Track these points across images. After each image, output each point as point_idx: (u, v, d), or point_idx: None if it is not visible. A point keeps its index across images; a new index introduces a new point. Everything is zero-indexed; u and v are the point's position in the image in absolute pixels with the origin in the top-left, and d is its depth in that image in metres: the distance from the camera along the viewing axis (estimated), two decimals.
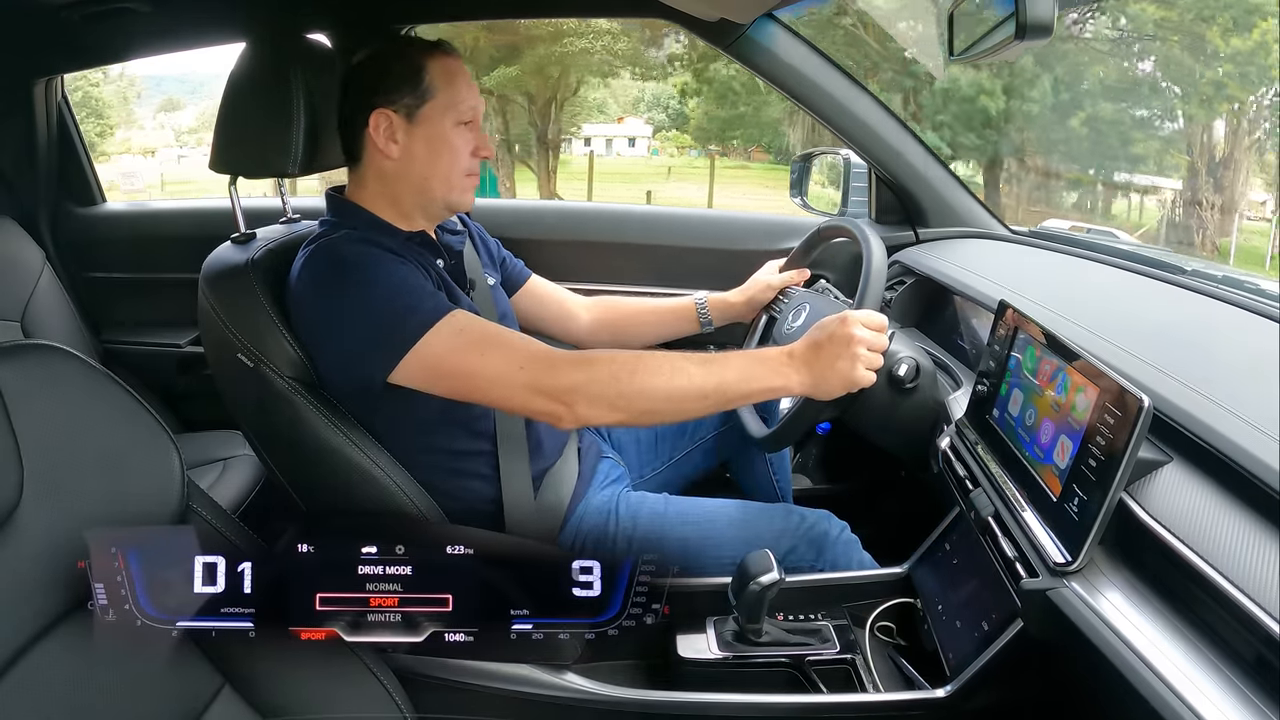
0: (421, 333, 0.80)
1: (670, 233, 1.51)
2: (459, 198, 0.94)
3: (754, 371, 0.83)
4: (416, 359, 0.80)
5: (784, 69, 1.28)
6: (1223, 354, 0.78)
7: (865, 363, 0.84)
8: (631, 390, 0.80)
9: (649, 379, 0.80)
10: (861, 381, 0.84)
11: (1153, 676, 0.51)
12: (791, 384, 0.84)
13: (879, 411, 0.99)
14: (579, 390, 0.79)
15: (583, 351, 0.82)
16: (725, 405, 0.84)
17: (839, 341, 0.83)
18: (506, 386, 0.80)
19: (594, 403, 0.80)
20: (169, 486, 0.65)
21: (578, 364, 0.80)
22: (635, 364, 0.80)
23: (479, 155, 0.93)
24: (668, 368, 0.81)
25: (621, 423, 0.95)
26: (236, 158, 0.97)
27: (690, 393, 0.81)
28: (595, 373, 0.80)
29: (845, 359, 0.83)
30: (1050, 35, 0.80)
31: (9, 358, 0.60)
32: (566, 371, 0.79)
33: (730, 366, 0.83)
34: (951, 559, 0.88)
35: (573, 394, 0.79)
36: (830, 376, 0.83)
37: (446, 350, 0.80)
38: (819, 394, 0.85)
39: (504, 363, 0.80)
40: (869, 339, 0.84)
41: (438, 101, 0.89)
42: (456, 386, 0.82)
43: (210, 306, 0.87)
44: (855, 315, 0.85)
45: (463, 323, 0.82)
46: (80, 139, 1.62)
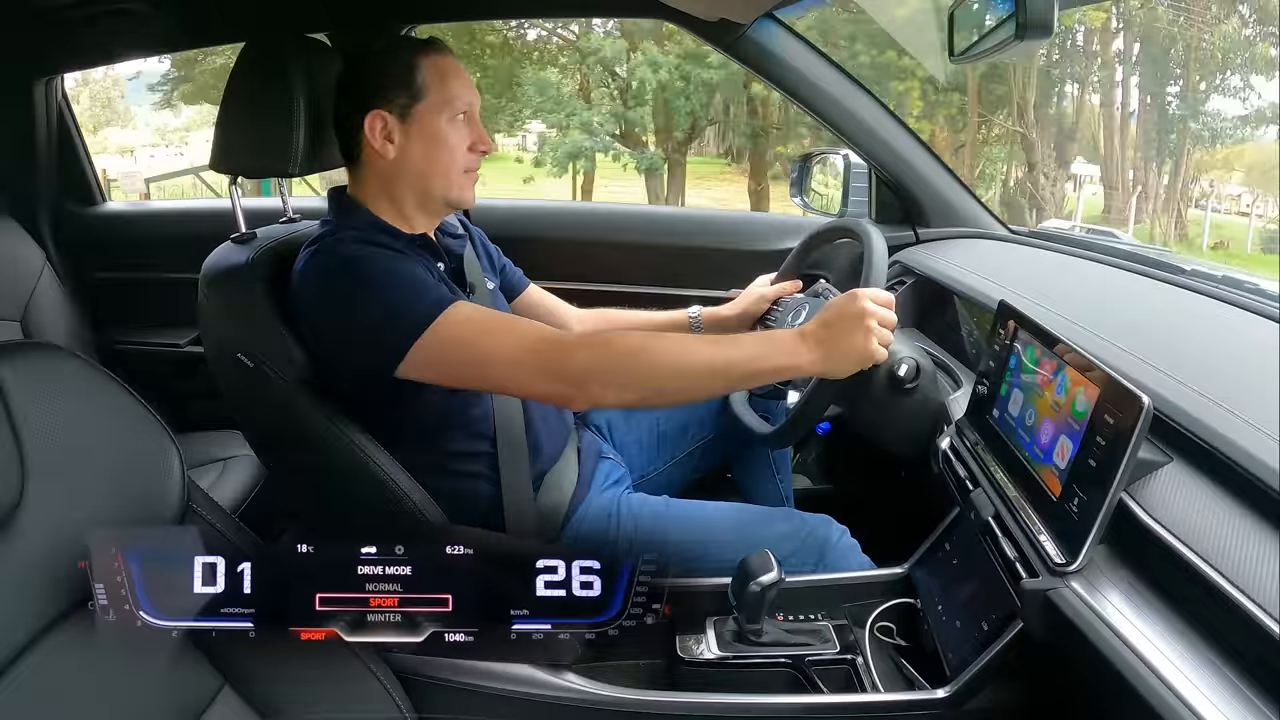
0: (428, 322, 0.80)
1: (670, 233, 1.51)
2: (458, 194, 0.93)
3: (764, 350, 0.82)
4: (425, 348, 0.80)
5: (784, 69, 1.28)
6: (1223, 354, 0.78)
7: (878, 337, 0.82)
8: (642, 370, 0.79)
9: (659, 358, 0.80)
10: (875, 355, 0.83)
11: (1153, 677, 0.50)
12: (803, 363, 0.82)
13: (879, 411, 0.99)
14: (590, 371, 0.79)
15: (593, 333, 0.82)
16: (736, 385, 0.84)
17: (850, 316, 0.82)
18: (517, 368, 0.79)
19: (605, 383, 0.79)
20: (169, 486, 0.65)
21: (588, 345, 0.80)
22: (645, 343, 0.80)
23: (477, 150, 0.93)
24: (677, 348, 0.80)
25: (632, 403, 0.94)
26: (236, 157, 0.97)
27: (700, 371, 0.80)
28: (606, 353, 0.79)
29: (859, 333, 0.81)
30: (1051, 35, 0.80)
31: (9, 358, 0.60)
32: (577, 353, 0.79)
33: (740, 345, 0.83)
34: (951, 559, 0.88)
35: (584, 375, 0.79)
36: (844, 352, 0.82)
37: (455, 336, 0.80)
38: (832, 372, 0.84)
39: (514, 346, 0.79)
40: (880, 313, 0.83)
41: (431, 99, 0.89)
42: (466, 373, 0.81)
43: (210, 306, 0.87)
44: (864, 291, 0.84)
45: (468, 310, 0.83)
46: (80, 139, 1.62)
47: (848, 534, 0.99)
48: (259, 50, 0.95)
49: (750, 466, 1.23)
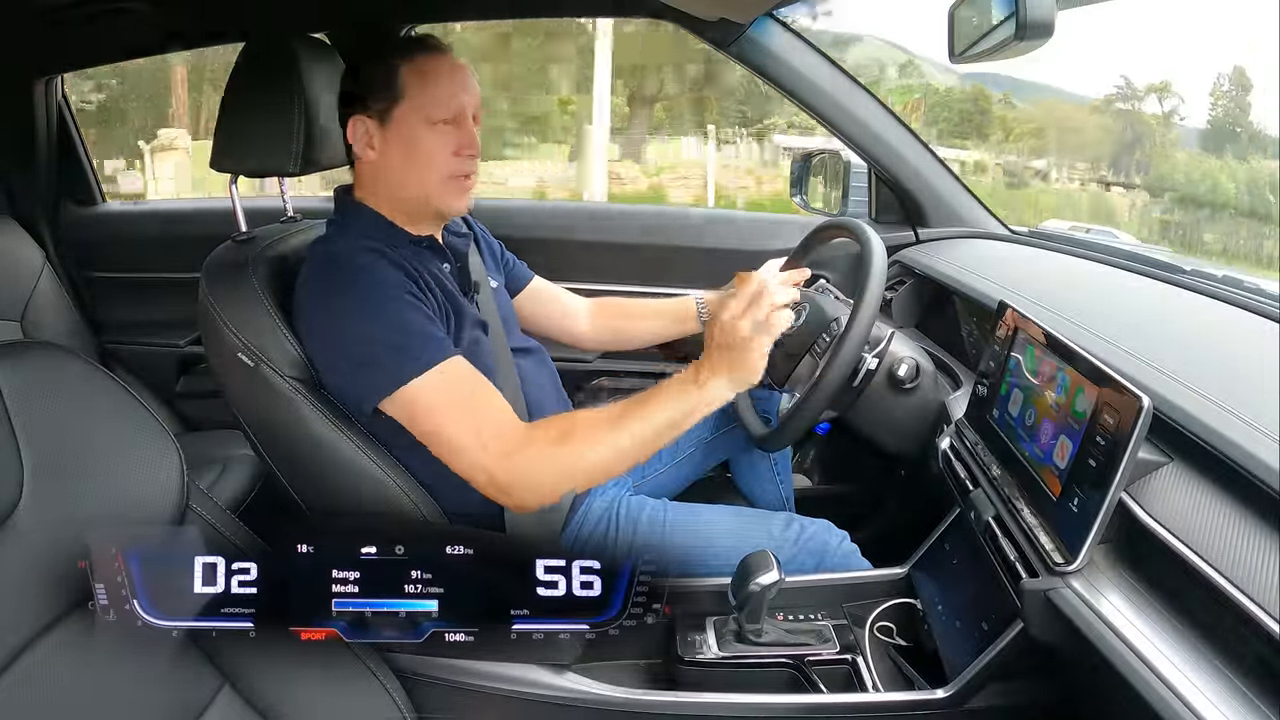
0: (413, 376, 0.80)
1: (670, 233, 1.51)
2: (442, 202, 0.91)
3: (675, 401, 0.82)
4: (402, 400, 0.81)
5: (784, 69, 1.28)
6: (1223, 354, 0.78)
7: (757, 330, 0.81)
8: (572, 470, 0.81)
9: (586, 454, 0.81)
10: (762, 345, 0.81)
11: (1153, 676, 0.51)
12: (714, 394, 0.82)
13: (879, 412, 0.99)
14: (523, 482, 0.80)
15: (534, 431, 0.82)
16: (666, 441, 0.83)
17: (727, 334, 0.82)
18: (463, 459, 0.81)
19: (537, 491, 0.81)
20: (169, 486, 0.65)
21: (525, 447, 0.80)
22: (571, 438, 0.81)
23: (463, 154, 0.90)
24: (600, 435, 0.81)
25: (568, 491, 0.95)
26: (236, 157, 0.96)
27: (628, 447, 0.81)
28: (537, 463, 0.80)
29: (738, 347, 0.81)
30: (1051, 35, 0.80)
31: (9, 357, 0.60)
32: (518, 462, 0.80)
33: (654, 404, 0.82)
34: (951, 559, 0.88)
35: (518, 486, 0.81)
36: (744, 365, 0.82)
37: (428, 403, 0.81)
38: (749, 383, 0.83)
39: (471, 435, 0.80)
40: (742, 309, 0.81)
41: (407, 103, 0.87)
42: (421, 433, 0.83)
43: (210, 306, 0.87)
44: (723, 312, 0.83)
45: (452, 376, 0.82)
46: (80, 139, 1.62)
47: (848, 539, 0.99)
48: (259, 50, 0.95)
49: (750, 467, 1.23)
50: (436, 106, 0.88)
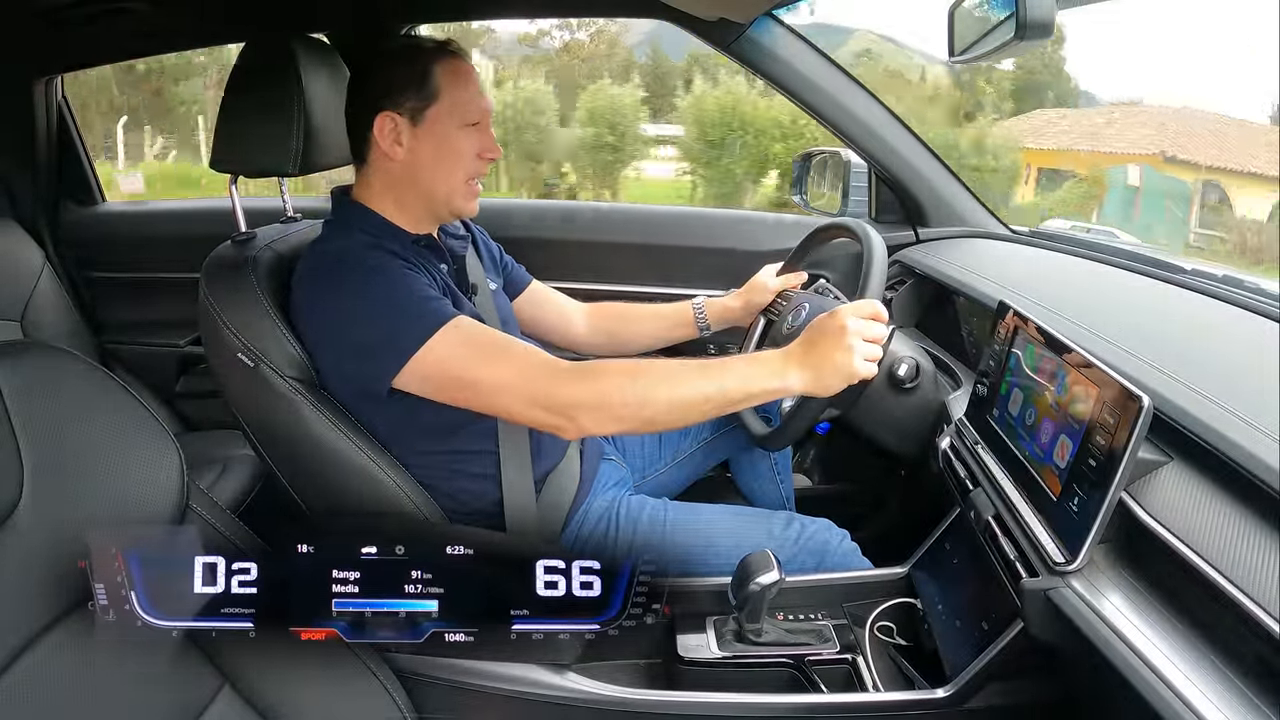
0: (425, 339, 0.80)
1: (670, 233, 1.51)
2: (461, 203, 0.93)
3: (752, 373, 0.83)
4: (420, 365, 0.80)
5: (784, 69, 1.28)
6: (1223, 354, 0.78)
7: (862, 353, 0.82)
8: (634, 400, 0.79)
9: (651, 389, 0.80)
10: (860, 372, 0.82)
11: (1153, 676, 0.51)
12: (791, 384, 0.83)
13: (879, 411, 0.99)
14: (582, 403, 0.79)
15: (586, 363, 0.82)
16: (726, 409, 0.84)
17: (832, 335, 0.82)
18: (509, 397, 0.80)
19: (597, 416, 0.80)
20: (169, 486, 0.65)
21: (581, 376, 0.80)
22: (637, 373, 0.80)
23: (485, 157, 0.92)
24: (669, 376, 0.81)
25: (625, 432, 0.96)
26: (236, 157, 0.97)
27: (692, 399, 0.81)
28: (598, 385, 0.79)
29: (841, 351, 0.81)
30: (1051, 35, 0.80)
31: (9, 357, 0.60)
32: (570, 384, 0.79)
33: (729, 371, 0.83)
34: (951, 559, 0.88)
35: (576, 408, 0.79)
36: (828, 372, 0.82)
37: (450, 357, 0.80)
38: (819, 391, 0.84)
39: (507, 373, 0.80)
40: (863, 329, 0.83)
41: (443, 104, 0.88)
42: (458, 395, 0.82)
43: (210, 306, 0.87)
44: (846, 308, 0.84)
45: (466, 330, 0.82)
46: (80, 139, 1.62)
47: (848, 538, 0.99)
48: (259, 50, 0.95)
49: (751, 467, 1.23)
50: (469, 109, 0.90)
